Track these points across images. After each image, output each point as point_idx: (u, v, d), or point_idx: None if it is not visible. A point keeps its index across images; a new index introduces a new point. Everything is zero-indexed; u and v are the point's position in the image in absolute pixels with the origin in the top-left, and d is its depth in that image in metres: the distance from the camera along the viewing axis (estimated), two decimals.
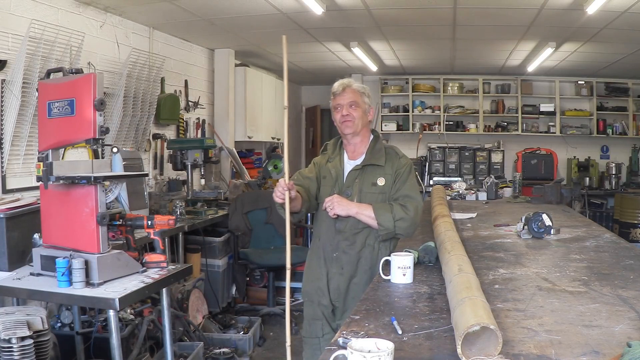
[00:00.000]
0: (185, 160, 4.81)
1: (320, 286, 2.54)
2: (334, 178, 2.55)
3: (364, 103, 2.55)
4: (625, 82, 7.94)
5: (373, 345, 1.29)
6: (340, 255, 2.49)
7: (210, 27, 5.26)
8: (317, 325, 2.56)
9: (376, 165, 2.52)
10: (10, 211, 2.63)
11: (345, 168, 2.57)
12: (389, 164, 2.54)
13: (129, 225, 2.54)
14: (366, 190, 2.50)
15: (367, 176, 2.52)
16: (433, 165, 8.35)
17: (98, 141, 2.32)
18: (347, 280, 2.49)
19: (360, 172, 2.53)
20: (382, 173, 2.52)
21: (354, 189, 2.50)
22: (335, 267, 2.51)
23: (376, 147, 2.59)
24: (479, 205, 4.72)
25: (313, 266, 2.59)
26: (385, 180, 2.51)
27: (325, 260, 2.54)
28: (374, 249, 2.50)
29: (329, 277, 2.52)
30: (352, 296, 2.47)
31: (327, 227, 2.53)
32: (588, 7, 4.16)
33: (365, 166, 2.53)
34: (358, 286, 2.47)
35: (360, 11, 4.69)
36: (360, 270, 2.49)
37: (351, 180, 2.52)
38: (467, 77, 8.28)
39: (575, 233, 3.20)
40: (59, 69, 2.49)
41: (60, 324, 3.09)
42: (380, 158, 2.54)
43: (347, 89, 2.54)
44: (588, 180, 7.73)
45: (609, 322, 1.61)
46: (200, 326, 4.01)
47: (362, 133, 2.58)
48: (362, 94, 2.56)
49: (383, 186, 2.51)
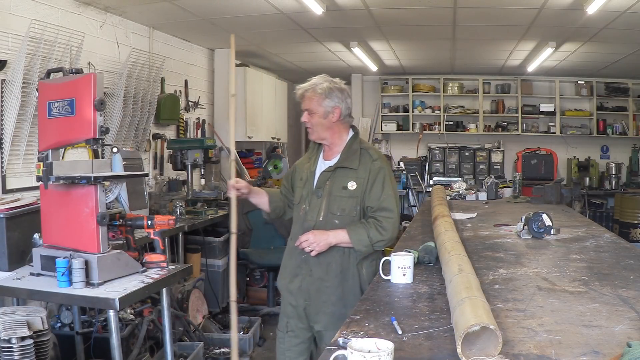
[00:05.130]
0: (185, 160, 4.81)
1: (290, 287, 2.53)
2: (305, 180, 2.52)
3: (322, 106, 2.42)
4: (625, 82, 7.93)
5: (373, 345, 1.29)
6: (308, 257, 2.44)
7: (210, 27, 5.26)
8: (283, 321, 2.57)
9: (348, 168, 2.44)
10: (10, 211, 2.63)
11: (318, 169, 2.52)
12: (362, 167, 2.43)
13: (129, 225, 2.54)
14: (336, 194, 2.43)
15: (338, 179, 2.44)
16: (433, 165, 8.35)
17: (98, 141, 2.32)
18: (317, 282, 2.45)
19: (332, 174, 2.45)
20: (355, 176, 2.42)
21: (324, 191, 2.45)
22: (304, 268, 2.47)
23: (352, 147, 2.48)
24: (479, 205, 4.72)
25: (285, 264, 2.60)
26: (357, 184, 2.41)
27: (295, 260, 2.51)
28: (344, 253, 2.43)
29: (299, 279, 2.49)
30: (323, 299, 2.43)
31: (298, 229, 2.50)
32: (588, 7, 4.15)
33: (337, 168, 2.45)
34: (330, 289, 2.43)
35: (360, 11, 4.69)
36: (331, 274, 2.42)
37: (322, 182, 2.46)
38: (467, 77, 8.28)
39: (575, 233, 3.20)
40: (59, 69, 2.49)
41: (60, 324, 3.09)
42: (353, 161, 2.44)
43: (304, 96, 2.46)
44: (588, 180, 7.73)
45: (609, 322, 1.61)
46: (200, 326, 4.01)
47: (331, 135, 2.48)
48: (321, 96, 2.42)
49: (354, 190, 2.41)
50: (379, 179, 2.42)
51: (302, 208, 2.50)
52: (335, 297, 2.42)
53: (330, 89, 2.42)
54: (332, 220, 2.42)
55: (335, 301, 2.42)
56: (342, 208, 2.42)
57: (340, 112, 2.44)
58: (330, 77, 2.50)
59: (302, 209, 2.50)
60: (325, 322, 2.44)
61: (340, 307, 2.41)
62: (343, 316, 2.39)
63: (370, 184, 2.41)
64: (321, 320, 2.45)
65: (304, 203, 2.50)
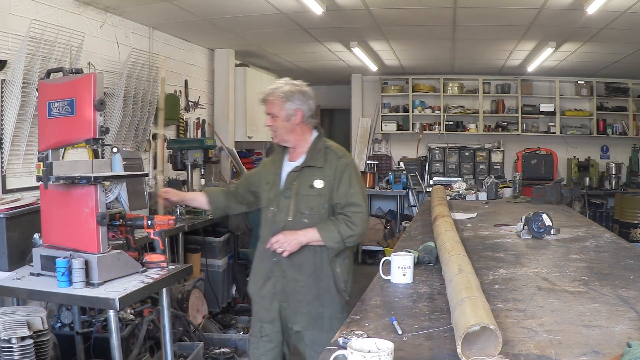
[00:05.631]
0: (185, 160, 4.81)
1: (262, 291, 2.53)
2: (272, 183, 2.53)
3: (284, 109, 2.44)
4: (625, 82, 7.93)
5: (373, 345, 1.29)
6: (280, 258, 2.45)
7: (210, 27, 5.26)
8: (256, 326, 2.58)
9: (314, 167, 2.46)
10: (10, 211, 2.63)
11: (284, 170, 2.54)
12: (328, 165, 2.45)
13: (129, 225, 2.53)
14: (303, 193, 2.44)
15: (305, 178, 2.46)
16: (433, 165, 8.35)
17: (98, 141, 2.31)
18: (291, 282, 2.46)
19: (299, 174, 2.46)
20: (321, 175, 2.44)
21: (292, 192, 2.47)
22: (277, 271, 2.48)
23: (317, 147, 2.50)
24: (479, 205, 4.72)
25: (255, 269, 2.60)
26: (324, 182, 2.43)
27: (266, 264, 2.52)
28: (316, 252, 2.43)
29: (272, 282, 2.50)
30: (299, 299, 2.45)
31: (267, 232, 2.51)
32: (588, 7, 4.15)
33: (304, 168, 2.47)
34: (304, 290, 2.44)
35: (360, 11, 4.69)
36: (305, 274, 2.43)
37: (289, 183, 2.48)
38: (467, 77, 8.27)
39: (575, 233, 3.20)
40: (59, 69, 2.49)
41: (60, 324, 3.09)
42: (318, 159, 2.46)
43: (266, 100, 2.49)
44: (588, 180, 7.73)
45: (609, 322, 1.61)
46: (200, 326, 4.01)
47: (294, 137, 2.50)
48: (282, 99, 2.44)
49: (321, 189, 2.43)
50: (345, 175, 2.44)
51: (270, 211, 2.51)
52: (310, 297, 2.45)
53: (292, 92, 2.45)
54: (302, 220, 2.43)
55: (310, 301, 2.44)
56: (311, 207, 2.44)
57: (302, 114, 2.47)
58: (292, 80, 2.53)
59: (271, 211, 2.51)
60: (304, 322, 2.46)
61: (316, 306, 2.44)
62: (320, 315, 2.44)
63: (338, 181, 2.44)
64: (299, 321, 2.47)
65: (271, 205, 2.51)
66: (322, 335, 2.41)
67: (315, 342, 2.44)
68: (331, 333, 2.50)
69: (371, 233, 7.78)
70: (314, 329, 2.46)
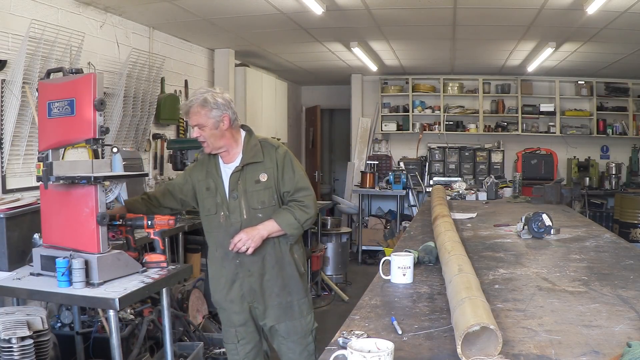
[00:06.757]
0: (185, 160, 4.80)
1: (229, 295, 2.55)
2: (214, 188, 2.53)
3: (210, 118, 2.43)
4: (625, 82, 7.93)
5: (373, 345, 1.28)
6: (242, 259, 2.49)
7: (210, 27, 5.26)
8: (231, 332, 2.60)
9: (255, 162, 2.50)
10: (10, 211, 2.63)
11: (223, 173, 2.55)
12: (267, 158, 2.51)
13: (129, 225, 2.53)
14: (251, 189, 2.49)
15: (248, 175, 2.50)
16: (433, 165, 8.35)
17: (98, 141, 2.31)
18: (258, 279, 2.51)
19: (241, 172, 2.50)
20: (263, 168, 2.50)
21: (238, 191, 2.49)
22: (242, 271, 2.51)
23: (251, 143, 2.54)
24: (479, 205, 4.72)
25: (217, 276, 2.60)
26: (267, 174, 2.50)
27: (229, 268, 2.54)
28: (275, 243, 2.52)
29: (238, 283, 2.53)
30: (268, 294, 2.52)
31: (223, 236, 2.52)
32: (588, 7, 4.16)
33: (245, 166, 2.50)
34: (271, 282, 2.52)
35: (360, 11, 4.69)
36: (268, 267, 2.51)
37: (234, 183, 2.50)
38: (467, 77, 8.28)
39: (575, 233, 3.20)
40: (59, 69, 2.49)
41: (60, 324, 3.09)
42: (257, 154, 2.51)
43: (189, 112, 2.45)
44: (588, 180, 7.73)
45: (609, 322, 1.61)
46: (200, 326, 4.01)
47: (226, 142, 2.50)
48: (207, 107, 2.42)
49: (267, 181, 2.49)
50: (287, 164, 2.52)
51: (221, 215, 2.52)
52: (278, 288, 2.52)
53: (214, 99, 2.44)
54: (256, 215, 2.49)
55: (278, 292, 2.52)
56: (262, 201, 2.49)
57: (229, 118, 2.47)
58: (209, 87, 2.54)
59: (222, 216, 2.51)
60: (275, 315, 2.53)
61: (285, 295, 2.53)
62: (290, 304, 2.53)
63: (281, 171, 2.51)
64: (270, 315, 2.54)
65: (221, 210, 2.52)
66: (295, 323, 2.54)
67: (290, 332, 2.54)
68: (302, 319, 2.57)
69: (371, 233, 7.79)
70: (286, 320, 2.55)
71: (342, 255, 6.20)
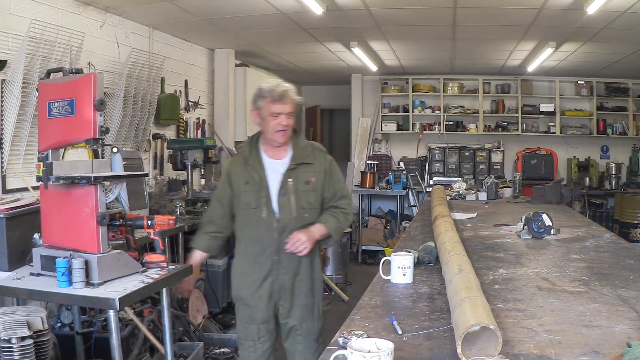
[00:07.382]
0: (185, 160, 4.81)
1: (259, 292, 2.52)
2: (258, 182, 2.50)
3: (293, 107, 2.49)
4: (625, 82, 7.93)
5: (373, 345, 1.29)
6: (282, 256, 2.48)
7: (210, 27, 5.26)
8: (252, 329, 2.56)
9: (308, 163, 2.52)
10: (10, 211, 2.63)
11: (267, 168, 2.52)
12: (317, 162, 2.55)
13: (129, 225, 2.53)
14: (301, 189, 2.49)
15: (300, 175, 2.50)
16: (433, 165, 8.35)
17: (98, 141, 2.31)
18: (292, 278, 2.52)
19: (294, 171, 2.50)
20: (313, 171, 2.52)
21: (289, 189, 2.48)
22: (277, 268, 2.50)
23: (300, 143, 2.56)
24: (479, 205, 4.72)
25: (247, 272, 2.55)
26: (317, 178, 2.53)
27: (264, 264, 2.50)
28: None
29: (270, 281, 2.50)
30: (297, 293, 2.54)
31: (264, 232, 2.49)
32: (588, 7, 4.15)
33: (299, 165, 2.51)
34: (302, 282, 2.54)
35: (360, 11, 4.69)
36: (303, 267, 2.54)
37: (285, 180, 2.48)
38: (467, 77, 8.28)
39: (575, 233, 3.20)
40: (59, 69, 2.49)
41: (60, 324, 3.09)
42: (308, 156, 2.54)
43: (288, 98, 2.44)
44: (588, 180, 7.73)
45: (609, 322, 1.61)
46: (200, 326, 4.01)
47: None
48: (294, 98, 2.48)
49: (315, 183, 2.52)
50: (334, 170, 2.60)
51: (263, 210, 2.48)
52: (307, 289, 2.55)
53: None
54: (303, 215, 2.50)
55: (307, 292, 2.55)
56: (309, 202, 2.51)
57: None
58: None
59: (264, 211, 2.48)
60: (299, 315, 2.54)
61: (310, 297, 2.57)
62: (312, 305, 2.57)
63: (329, 176, 2.56)
64: (295, 315, 2.54)
65: (263, 205, 2.48)
66: (314, 324, 2.58)
67: (310, 332, 2.57)
68: (319, 321, 2.60)
69: (371, 233, 7.78)
70: (308, 320, 2.57)
71: (342, 256, 6.20)
